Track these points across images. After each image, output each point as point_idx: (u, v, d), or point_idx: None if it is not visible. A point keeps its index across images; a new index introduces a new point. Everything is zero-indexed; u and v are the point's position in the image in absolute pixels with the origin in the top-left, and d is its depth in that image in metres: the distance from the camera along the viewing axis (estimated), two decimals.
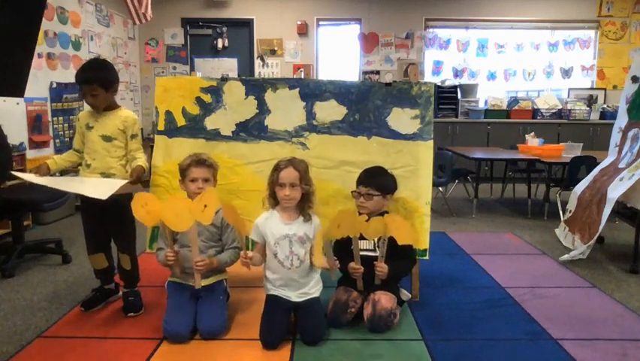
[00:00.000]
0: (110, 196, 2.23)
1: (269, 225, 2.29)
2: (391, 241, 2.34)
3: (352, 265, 2.36)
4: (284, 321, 2.27)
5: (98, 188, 2.27)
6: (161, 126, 2.77)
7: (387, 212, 2.52)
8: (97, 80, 2.37)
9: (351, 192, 2.51)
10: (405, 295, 2.56)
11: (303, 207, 2.32)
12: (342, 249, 2.43)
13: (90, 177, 2.43)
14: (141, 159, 2.45)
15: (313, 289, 2.33)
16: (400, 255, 2.39)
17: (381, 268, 2.34)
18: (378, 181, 2.46)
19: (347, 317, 2.37)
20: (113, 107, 2.49)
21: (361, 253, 2.37)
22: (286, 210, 2.31)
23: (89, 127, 2.45)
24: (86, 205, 2.53)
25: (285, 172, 2.25)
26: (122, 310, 2.54)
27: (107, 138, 2.43)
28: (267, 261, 2.33)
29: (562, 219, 4.09)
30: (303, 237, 2.28)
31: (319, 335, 2.24)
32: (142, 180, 2.45)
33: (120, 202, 2.43)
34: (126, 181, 2.34)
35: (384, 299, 2.35)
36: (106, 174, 2.43)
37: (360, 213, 2.39)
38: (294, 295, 2.29)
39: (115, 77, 2.48)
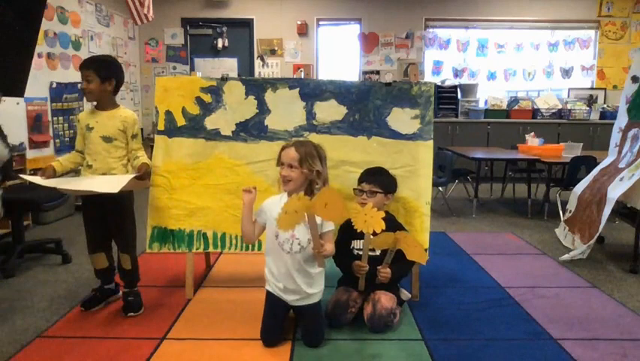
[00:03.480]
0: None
1: (275, 206, 2.17)
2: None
3: (358, 262, 2.36)
4: (282, 322, 2.27)
5: (107, 184, 2.28)
6: (161, 126, 2.77)
7: (387, 211, 2.52)
8: (93, 67, 2.37)
9: (354, 189, 2.51)
10: (405, 295, 2.56)
11: (310, 193, 2.22)
12: (342, 248, 2.43)
13: (95, 176, 2.43)
14: (144, 157, 2.46)
15: (312, 291, 2.22)
16: (399, 256, 2.39)
17: (385, 273, 2.35)
18: (381, 179, 2.47)
19: (347, 317, 2.37)
20: (112, 106, 2.48)
21: (360, 251, 2.37)
22: (292, 194, 2.20)
23: (89, 128, 2.45)
24: (87, 205, 2.54)
25: (286, 152, 2.23)
26: (122, 310, 2.55)
27: (108, 139, 2.43)
28: (267, 246, 2.27)
29: (562, 219, 4.09)
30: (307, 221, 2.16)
31: (319, 338, 2.23)
32: (148, 176, 2.46)
33: (121, 202, 2.45)
34: (133, 176, 2.35)
35: (385, 299, 2.35)
36: (107, 175, 2.43)
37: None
38: (292, 301, 2.23)
39: (114, 73, 2.45)
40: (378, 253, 2.41)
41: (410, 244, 2.30)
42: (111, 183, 2.27)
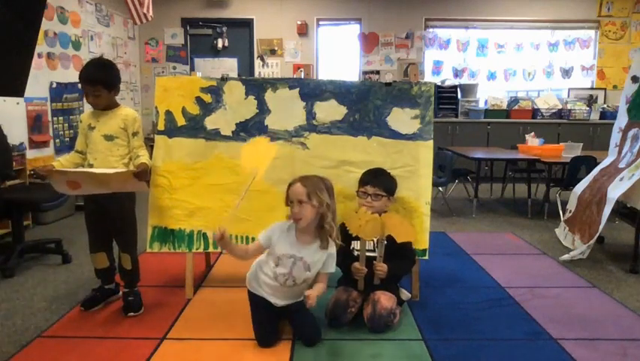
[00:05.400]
0: (113, 191, 2.29)
1: (282, 237, 2.18)
2: (391, 241, 2.34)
3: (357, 265, 2.36)
4: (272, 320, 2.26)
5: (105, 170, 2.31)
6: (161, 126, 2.77)
7: (387, 212, 2.52)
8: (101, 82, 2.38)
9: (357, 191, 2.50)
10: (405, 295, 2.56)
11: (321, 231, 2.17)
12: (342, 249, 2.43)
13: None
14: (145, 157, 2.44)
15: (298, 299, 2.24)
16: (399, 255, 2.40)
17: (381, 267, 2.34)
18: (384, 181, 2.47)
19: (347, 317, 2.37)
20: (113, 106, 2.49)
21: (357, 254, 2.38)
22: (302, 231, 2.17)
23: (91, 127, 2.45)
24: (88, 204, 2.54)
25: (293, 189, 2.14)
26: (122, 310, 2.55)
27: (109, 137, 2.43)
28: (263, 265, 2.24)
29: (562, 219, 4.10)
30: (310, 264, 2.17)
31: (316, 334, 2.24)
32: (147, 177, 2.45)
33: (122, 201, 2.45)
34: (131, 171, 2.34)
35: (384, 299, 2.35)
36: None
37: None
38: (279, 302, 2.23)
39: (118, 78, 2.49)
40: (376, 253, 2.41)
41: (397, 224, 2.30)
42: (108, 170, 2.31)
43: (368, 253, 2.38)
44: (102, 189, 2.32)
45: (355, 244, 2.45)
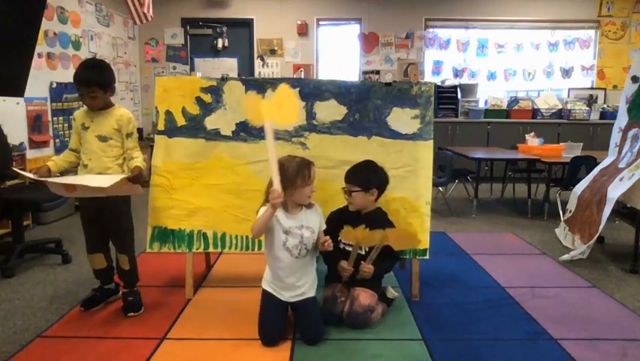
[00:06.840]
0: (108, 195, 2.28)
1: (280, 216, 2.23)
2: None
3: (343, 265, 2.37)
4: (281, 318, 2.28)
5: (99, 180, 2.29)
6: (161, 126, 2.77)
7: (380, 208, 2.53)
8: (96, 82, 2.36)
9: (342, 188, 2.51)
10: (391, 293, 2.57)
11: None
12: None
13: (87, 175, 2.42)
14: (139, 159, 2.42)
15: (307, 287, 2.30)
16: (384, 254, 2.40)
17: (368, 269, 2.36)
18: (358, 177, 2.46)
19: (339, 307, 2.38)
20: (108, 106, 2.47)
21: (348, 247, 2.40)
22: (291, 205, 2.27)
23: (85, 127, 2.44)
24: (84, 205, 2.53)
25: (314, 171, 2.29)
26: (122, 310, 2.55)
27: (103, 138, 2.42)
28: (271, 249, 2.27)
29: (562, 219, 4.10)
30: (312, 227, 2.28)
31: (318, 333, 2.24)
32: (141, 180, 2.44)
33: (117, 202, 2.44)
34: (125, 176, 2.32)
35: (363, 297, 2.37)
36: (103, 175, 2.42)
37: (349, 210, 2.47)
38: (288, 297, 2.28)
39: (112, 78, 2.46)
40: (364, 250, 2.42)
41: (399, 236, 2.32)
42: (104, 179, 2.28)
43: (351, 249, 2.40)
44: (98, 193, 2.31)
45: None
